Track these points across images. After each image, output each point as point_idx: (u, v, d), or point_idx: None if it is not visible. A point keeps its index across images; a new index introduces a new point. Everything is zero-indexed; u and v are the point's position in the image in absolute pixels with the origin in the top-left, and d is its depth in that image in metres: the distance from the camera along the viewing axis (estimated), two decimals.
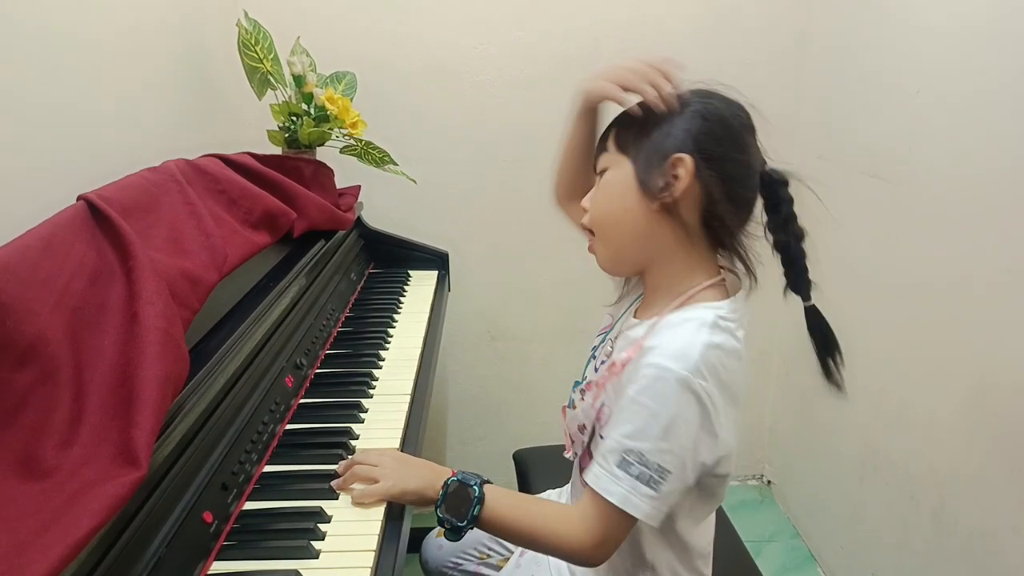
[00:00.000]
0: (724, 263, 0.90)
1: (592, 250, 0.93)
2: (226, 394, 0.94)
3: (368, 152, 1.59)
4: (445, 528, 0.88)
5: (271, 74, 1.45)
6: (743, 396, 0.87)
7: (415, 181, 1.68)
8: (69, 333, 0.73)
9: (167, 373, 0.77)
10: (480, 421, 2.16)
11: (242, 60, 1.44)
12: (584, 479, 0.86)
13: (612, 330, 0.99)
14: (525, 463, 1.48)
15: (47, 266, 0.75)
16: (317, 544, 0.84)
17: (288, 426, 1.08)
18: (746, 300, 0.88)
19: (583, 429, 0.94)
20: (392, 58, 1.81)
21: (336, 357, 1.32)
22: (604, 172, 0.89)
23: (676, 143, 0.83)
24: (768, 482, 2.24)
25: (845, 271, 1.71)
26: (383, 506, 0.90)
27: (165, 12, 1.33)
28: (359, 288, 1.65)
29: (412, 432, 1.11)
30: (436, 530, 1.28)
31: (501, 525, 0.87)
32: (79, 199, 0.88)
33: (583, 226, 0.93)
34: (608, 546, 0.83)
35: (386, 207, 1.90)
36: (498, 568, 1.18)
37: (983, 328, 1.24)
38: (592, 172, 0.93)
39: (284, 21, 1.61)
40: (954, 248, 1.31)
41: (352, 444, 1.05)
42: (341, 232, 1.57)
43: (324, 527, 0.86)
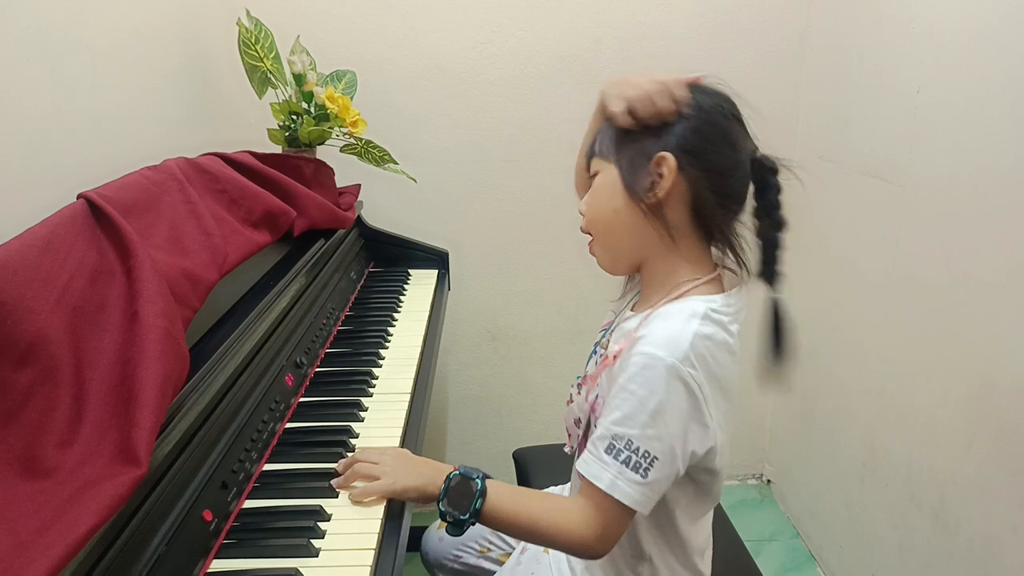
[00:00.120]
0: (720, 259, 0.91)
1: (592, 251, 0.94)
2: (226, 393, 0.94)
3: (368, 151, 1.59)
4: (447, 522, 0.88)
5: (271, 73, 1.46)
6: (736, 391, 0.87)
7: (415, 180, 1.68)
8: (69, 332, 0.73)
9: (167, 372, 0.77)
10: (480, 420, 2.16)
11: (242, 59, 1.44)
12: (575, 466, 0.87)
13: (612, 325, 0.99)
14: (525, 462, 1.48)
15: (47, 265, 0.75)
16: (317, 542, 0.84)
17: (288, 425, 1.08)
18: (742, 295, 0.89)
19: (579, 423, 0.94)
20: (392, 57, 1.81)
21: (336, 356, 1.32)
22: (596, 175, 0.90)
23: (660, 142, 0.84)
24: (768, 482, 2.24)
25: (845, 271, 1.71)
26: (383, 505, 0.90)
27: (165, 11, 1.33)
28: (359, 287, 1.65)
29: (412, 431, 1.11)
30: (437, 522, 1.28)
31: (503, 519, 0.88)
32: (79, 198, 0.88)
33: (583, 229, 0.94)
34: (608, 538, 0.84)
35: (386, 206, 1.90)
36: (498, 562, 1.18)
37: (983, 328, 1.24)
38: None
39: (284, 20, 1.61)
40: (954, 248, 1.31)
41: (352, 443, 1.05)
42: (341, 231, 1.58)
43: (324, 525, 0.86)
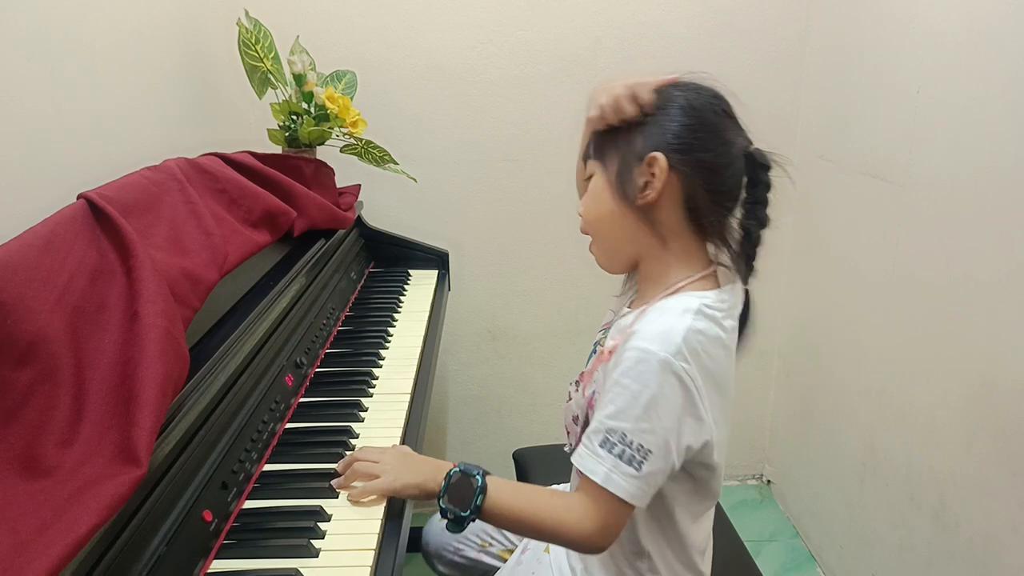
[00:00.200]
0: (715, 255, 0.92)
1: (591, 250, 0.96)
2: (226, 393, 0.94)
3: (368, 151, 1.59)
4: (448, 519, 0.88)
5: (271, 73, 1.46)
6: (731, 386, 0.88)
7: (415, 180, 1.68)
8: (70, 332, 0.73)
9: (167, 372, 0.77)
10: (480, 421, 2.16)
11: (242, 59, 1.44)
12: (571, 458, 0.88)
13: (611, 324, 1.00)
14: (525, 462, 1.48)
15: (47, 265, 0.75)
16: (317, 543, 0.84)
17: (288, 425, 1.08)
18: (736, 291, 0.89)
19: (577, 420, 0.94)
20: (392, 57, 1.81)
21: (336, 356, 1.32)
22: (591, 178, 0.92)
23: (650, 142, 0.85)
24: (768, 482, 2.24)
25: (845, 271, 1.71)
26: (383, 505, 0.90)
27: (165, 11, 1.34)
28: (359, 287, 1.65)
29: (412, 431, 1.11)
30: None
31: (504, 515, 0.88)
32: (79, 198, 0.88)
33: (583, 230, 0.96)
34: (609, 531, 0.84)
35: (386, 206, 1.90)
36: (499, 557, 1.19)
37: (983, 328, 1.24)
38: None
39: (284, 20, 1.61)
40: (954, 248, 1.31)
41: (352, 443, 1.05)
42: (341, 231, 1.58)
43: (324, 526, 0.86)
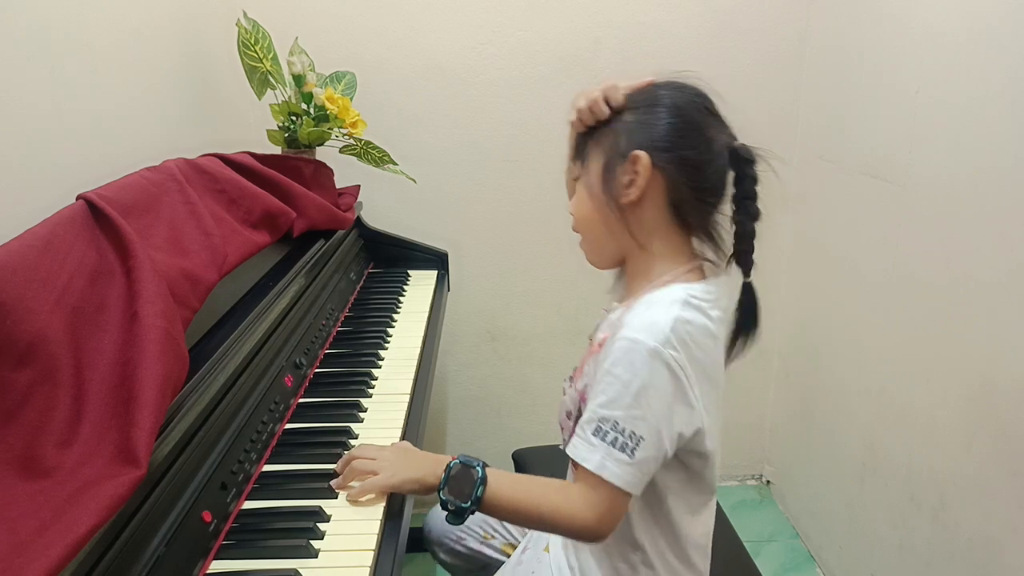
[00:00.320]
0: (701, 250, 0.93)
1: (581, 247, 0.99)
2: (225, 393, 0.94)
3: (368, 152, 1.59)
4: (449, 511, 0.88)
5: (271, 74, 1.46)
6: (720, 375, 0.89)
7: (415, 181, 1.68)
8: (69, 332, 0.73)
9: (167, 372, 0.77)
10: (479, 421, 2.16)
11: (242, 60, 1.44)
12: (564, 450, 0.89)
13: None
14: (524, 463, 1.48)
15: (47, 265, 0.75)
16: (316, 543, 0.84)
17: (287, 425, 1.08)
18: (722, 283, 0.91)
19: (570, 415, 0.95)
20: (392, 57, 1.81)
21: (335, 356, 1.32)
22: (578, 179, 0.95)
23: (633, 141, 0.87)
24: (767, 482, 2.24)
25: (845, 271, 1.71)
26: (382, 505, 0.90)
27: (165, 11, 1.34)
28: (358, 288, 1.65)
29: (411, 432, 1.11)
30: None
31: (505, 506, 0.88)
32: (78, 198, 0.88)
33: (574, 228, 0.98)
34: (608, 519, 0.84)
35: (386, 207, 1.90)
36: (500, 551, 1.20)
37: (983, 328, 1.24)
38: None
39: (284, 21, 1.61)
40: (954, 248, 1.31)
41: (351, 444, 1.05)
42: (341, 232, 1.58)
43: (323, 526, 0.86)
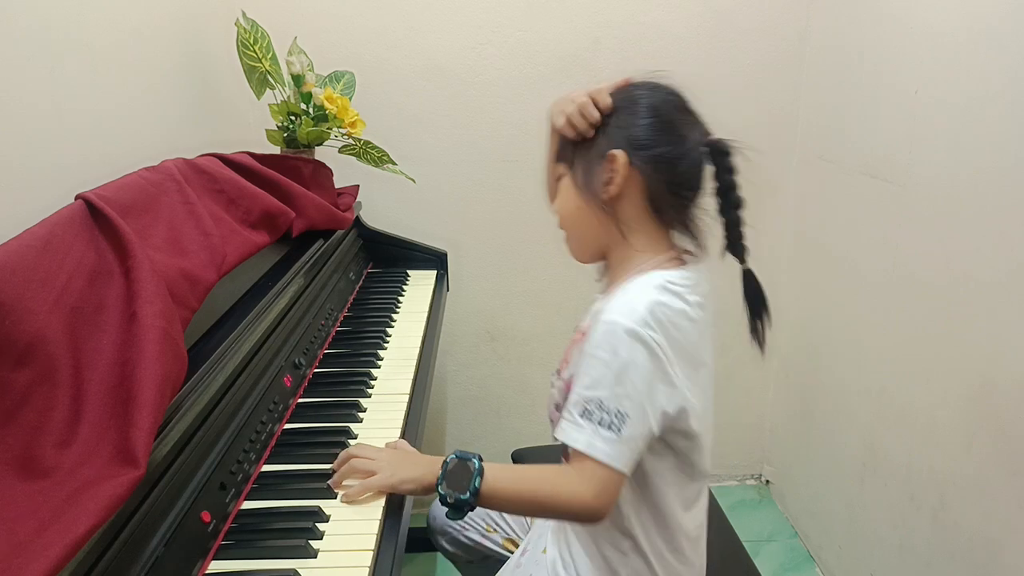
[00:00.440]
0: (680, 242, 0.97)
1: (566, 243, 1.03)
2: (224, 393, 0.94)
3: (367, 151, 1.59)
4: (448, 505, 0.89)
5: (270, 73, 1.45)
6: (702, 358, 0.92)
7: (414, 181, 1.68)
8: (68, 332, 0.73)
9: (166, 372, 0.77)
10: (479, 421, 2.16)
11: (241, 60, 1.44)
12: (554, 435, 0.91)
13: None
14: (524, 462, 1.48)
15: (46, 265, 0.74)
16: (315, 543, 0.84)
17: (286, 425, 1.08)
18: (700, 269, 0.95)
19: (559, 407, 0.96)
20: (391, 57, 1.81)
21: (335, 356, 1.32)
22: (561, 178, 0.99)
23: (611, 141, 0.91)
24: (767, 482, 2.24)
25: (845, 271, 1.71)
26: (381, 505, 0.90)
27: (165, 11, 1.33)
28: (358, 288, 1.65)
29: (411, 432, 1.11)
30: None
31: (503, 494, 0.90)
32: (77, 198, 0.88)
33: (559, 226, 1.02)
34: (604, 498, 0.86)
35: (385, 207, 1.90)
36: (500, 545, 1.21)
37: (983, 328, 1.24)
38: None
39: (284, 20, 1.61)
40: (954, 248, 1.31)
41: (351, 444, 1.04)
42: (340, 231, 1.57)
43: (322, 526, 0.86)
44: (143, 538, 0.73)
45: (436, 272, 1.79)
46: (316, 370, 1.25)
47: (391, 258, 1.81)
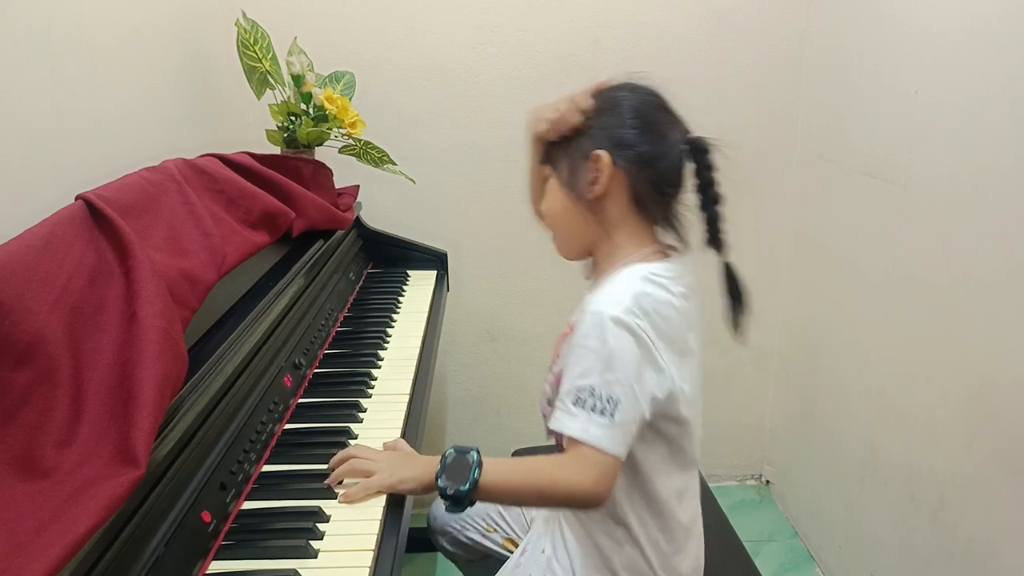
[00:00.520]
0: (664, 237, 1.00)
1: (553, 242, 1.07)
2: (225, 393, 0.94)
3: (367, 152, 1.59)
4: (448, 497, 0.89)
5: (270, 74, 1.45)
6: (690, 348, 0.94)
7: (414, 181, 1.68)
8: (68, 332, 0.73)
9: (166, 372, 0.77)
10: (479, 421, 2.16)
11: (241, 60, 1.44)
12: (547, 428, 0.92)
13: None
14: None
15: (46, 265, 0.74)
16: (316, 544, 0.84)
17: (287, 426, 1.08)
18: (683, 261, 0.98)
19: (551, 403, 0.96)
20: (391, 58, 1.81)
21: (335, 357, 1.32)
22: (547, 180, 1.02)
23: (595, 142, 0.94)
24: (767, 482, 2.24)
25: (845, 271, 1.71)
26: (382, 506, 0.90)
27: (165, 11, 1.33)
28: (358, 288, 1.65)
29: (411, 432, 1.11)
30: None
31: (503, 487, 0.90)
32: (77, 199, 0.88)
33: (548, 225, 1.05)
34: (602, 484, 0.86)
35: (385, 207, 1.90)
36: (500, 545, 1.22)
37: (983, 328, 1.24)
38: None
39: (284, 21, 1.61)
40: (954, 248, 1.31)
41: (351, 444, 1.04)
42: (340, 232, 1.57)
43: (323, 527, 0.86)
44: (143, 538, 0.73)
45: (436, 272, 1.79)
46: (316, 370, 1.25)
47: (391, 258, 1.81)
